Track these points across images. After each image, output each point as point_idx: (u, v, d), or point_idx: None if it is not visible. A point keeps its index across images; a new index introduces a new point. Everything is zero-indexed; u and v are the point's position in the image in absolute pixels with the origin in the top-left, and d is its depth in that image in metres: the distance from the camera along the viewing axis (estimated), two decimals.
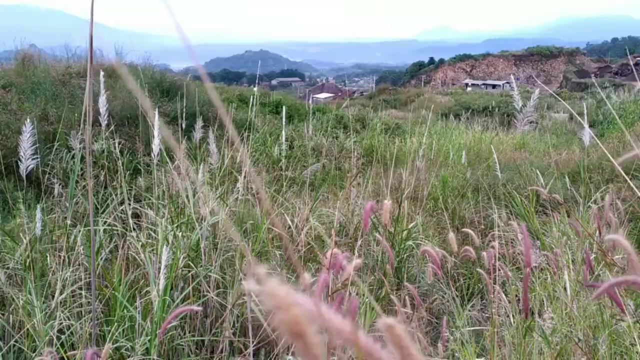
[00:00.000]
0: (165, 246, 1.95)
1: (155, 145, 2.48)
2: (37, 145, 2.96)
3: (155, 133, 2.47)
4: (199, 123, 3.66)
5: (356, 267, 1.05)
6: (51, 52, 13.67)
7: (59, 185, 5.03)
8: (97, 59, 10.82)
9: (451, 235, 1.49)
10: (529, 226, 3.50)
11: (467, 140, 10.69)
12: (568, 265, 2.22)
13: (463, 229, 2.22)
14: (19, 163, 2.45)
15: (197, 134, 3.72)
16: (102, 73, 2.40)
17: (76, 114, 7.04)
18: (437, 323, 3.38)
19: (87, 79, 1.58)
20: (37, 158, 2.44)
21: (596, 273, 2.34)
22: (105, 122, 2.44)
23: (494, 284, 1.76)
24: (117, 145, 5.16)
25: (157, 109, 2.58)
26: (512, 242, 3.65)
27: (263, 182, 5.89)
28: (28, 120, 2.32)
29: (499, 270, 1.78)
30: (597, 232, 1.83)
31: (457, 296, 3.70)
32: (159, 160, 2.96)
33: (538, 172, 4.43)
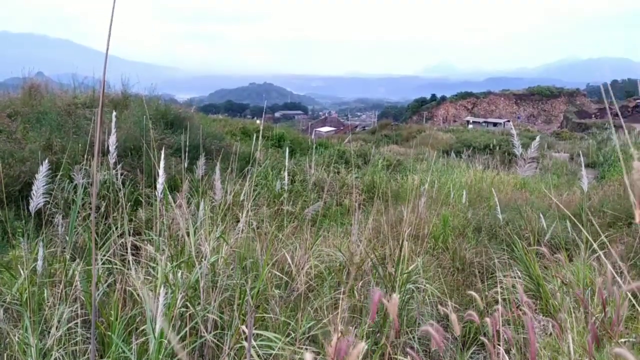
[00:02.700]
0: (163, 287, 1.94)
1: (160, 183, 2.49)
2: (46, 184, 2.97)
3: (160, 172, 2.48)
4: (202, 160, 3.68)
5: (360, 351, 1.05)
6: (58, 80, 13.86)
7: (60, 215, 5.02)
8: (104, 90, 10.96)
9: (453, 317, 1.47)
10: (530, 272, 3.48)
11: (468, 179, 10.71)
12: (572, 328, 2.19)
13: (468, 292, 2.20)
14: (30, 200, 2.45)
15: (200, 171, 3.73)
16: (114, 113, 2.43)
17: (80, 145, 7.08)
18: None
19: (98, 117, 1.60)
20: (47, 197, 2.44)
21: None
22: (114, 160, 2.46)
23: (498, 342, 1.74)
24: (119, 176, 5.17)
25: (163, 148, 2.60)
26: (513, 286, 3.62)
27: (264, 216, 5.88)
28: (46, 161, 2.34)
29: (503, 335, 1.74)
30: (602, 308, 1.81)
31: (457, 339, 3.64)
32: (161, 197, 2.97)
33: (540, 214, 4.42)
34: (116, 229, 3.94)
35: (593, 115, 74.42)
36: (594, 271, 3.65)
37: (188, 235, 2.80)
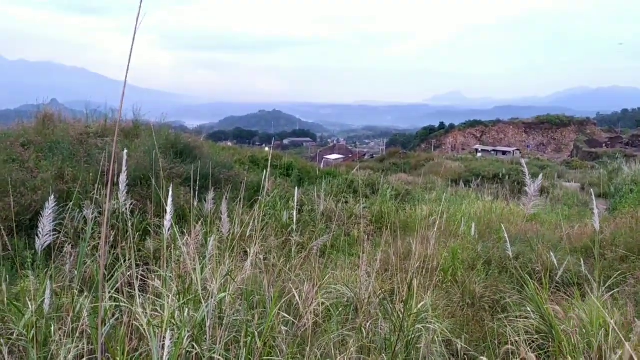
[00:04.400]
0: (169, 330, 1.92)
1: (167, 220, 2.50)
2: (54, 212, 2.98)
3: (168, 209, 2.49)
4: (211, 194, 3.69)
5: None
6: (71, 108, 14.07)
7: (69, 244, 5.03)
8: (115, 119, 11.13)
9: None
10: (542, 312, 3.42)
11: (478, 210, 10.65)
12: None
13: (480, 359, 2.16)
14: (37, 235, 2.46)
15: (209, 205, 3.74)
16: (125, 151, 2.45)
17: (91, 174, 7.15)
18: None
19: (113, 147, 1.62)
20: (54, 234, 2.46)
21: None
22: (124, 198, 2.48)
23: None
24: (128, 206, 5.18)
25: (172, 181, 2.62)
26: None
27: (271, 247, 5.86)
28: (52, 197, 2.36)
29: None
30: None
31: None
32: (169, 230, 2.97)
33: (551, 252, 4.36)
34: (124, 261, 3.94)
35: (604, 144, 74.28)
36: (608, 309, 3.58)
37: (194, 271, 2.79)
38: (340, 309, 3.85)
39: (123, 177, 2.39)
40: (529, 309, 3.67)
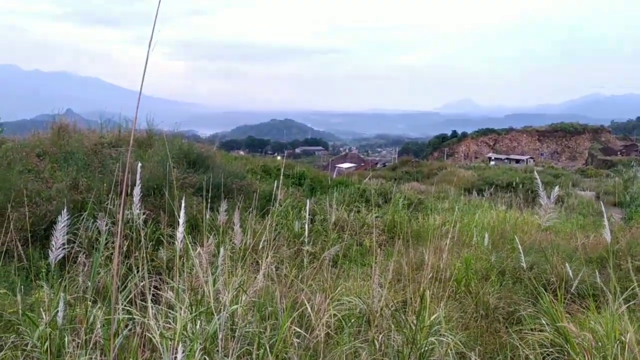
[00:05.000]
0: (181, 342, 1.93)
1: (180, 232, 2.51)
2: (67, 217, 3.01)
3: (181, 220, 2.51)
4: (223, 206, 3.71)
5: None
6: (86, 117, 14.22)
7: (83, 255, 5.06)
8: (128, 129, 11.24)
9: None
10: (558, 328, 3.37)
11: (491, 220, 10.56)
12: None
13: None
14: (51, 248, 2.48)
15: (221, 217, 3.75)
16: (139, 165, 2.47)
17: (105, 184, 7.21)
18: None
19: (127, 158, 1.63)
20: (67, 248, 2.48)
21: None
22: (137, 211, 2.50)
23: None
24: (141, 215, 5.20)
25: (185, 193, 2.63)
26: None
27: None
28: (65, 211, 2.39)
29: None
30: None
31: None
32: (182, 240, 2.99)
33: (566, 263, 4.31)
34: (137, 271, 3.95)
35: (619, 152, 73.55)
36: (624, 321, 3.51)
37: (206, 283, 2.80)
38: (352, 321, 3.84)
39: (137, 190, 2.41)
40: (543, 321, 3.63)
